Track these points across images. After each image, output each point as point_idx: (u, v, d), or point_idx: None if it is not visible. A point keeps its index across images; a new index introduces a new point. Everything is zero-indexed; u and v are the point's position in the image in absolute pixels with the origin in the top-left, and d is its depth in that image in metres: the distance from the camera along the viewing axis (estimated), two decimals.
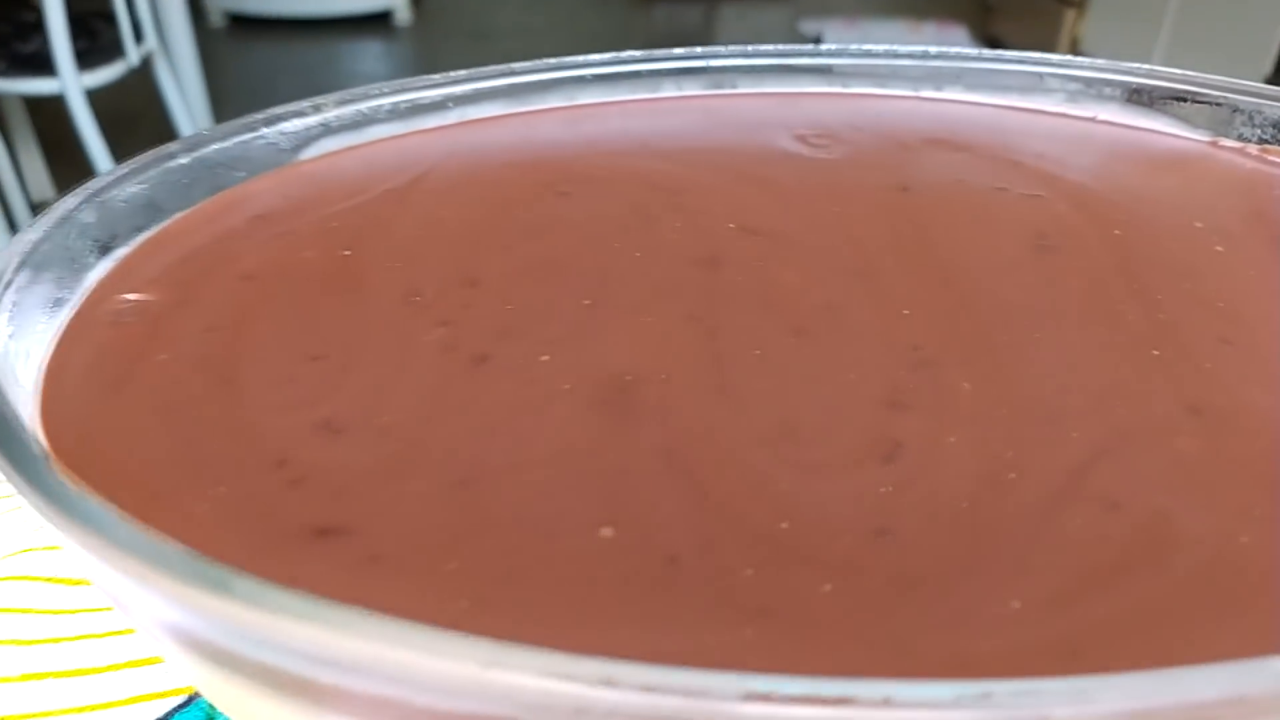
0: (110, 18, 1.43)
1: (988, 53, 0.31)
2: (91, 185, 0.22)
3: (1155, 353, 0.20)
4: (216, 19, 2.33)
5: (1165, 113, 0.30)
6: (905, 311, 0.22)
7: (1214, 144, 0.30)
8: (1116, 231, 0.25)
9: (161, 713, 0.20)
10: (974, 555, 0.16)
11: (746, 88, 0.32)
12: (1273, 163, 0.29)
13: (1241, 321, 0.22)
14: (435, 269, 0.22)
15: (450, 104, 0.28)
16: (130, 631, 0.23)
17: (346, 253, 0.23)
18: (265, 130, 0.26)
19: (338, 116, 0.26)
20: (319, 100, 0.26)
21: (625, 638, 0.14)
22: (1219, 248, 0.25)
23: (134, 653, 0.21)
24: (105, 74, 1.43)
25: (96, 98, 1.41)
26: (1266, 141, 0.29)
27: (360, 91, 0.27)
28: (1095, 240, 0.25)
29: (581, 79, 0.30)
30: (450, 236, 0.24)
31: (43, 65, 1.37)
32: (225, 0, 2.33)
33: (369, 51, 2.32)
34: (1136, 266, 0.24)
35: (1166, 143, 0.30)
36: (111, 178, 0.22)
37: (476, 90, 0.29)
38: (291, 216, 0.24)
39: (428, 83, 0.28)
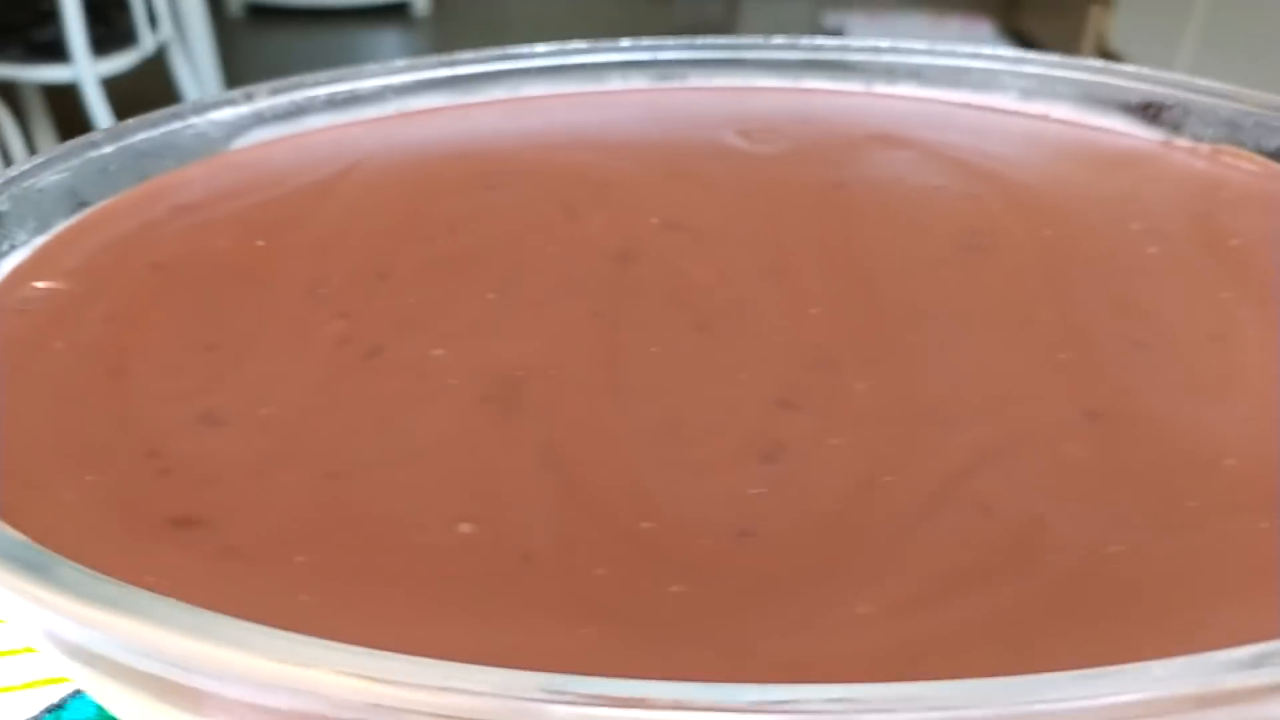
0: (125, 5, 1.44)
1: (941, 48, 0.31)
2: (8, 173, 0.22)
3: (1062, 356, 0.20)
4: (235, 8, 2.35)
5: (1119, 111, 0.30)
6: (813, 310, 0.21)
7: (1167, 144, 0.29)
8: (1048, 232, 0.25)
9: (57, 698, 0.20)
10: (834, 559, 0.15)
11: (697, 81, 0.32)
12: (1225, 164, 0.28)
13: (1160, 325, 0.21)
14: (346, 261, 0.22)
15: (389, 95, 0.28)
16: None
17: (260, 243, 0.23)
18: (195, 119, 0.26)
19: (270, 106, 0.27)
20: (251, 89, 0.26)
21: (461, 634, 0.14)
22: (1153, 249, 0.24)
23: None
24: (119, 61, 1.44)
25: (113, 86, 1.42)
26: (1220, 142, 0.29)
27: (294, 81, 0.27)
28: (1025, 240, 0.24)
29: (525, 71, 0.30)
30: (368, 228, 0.24)
31: (58, 52, 1.38)
32: None
33: (387, 42, 2.33)
34: (1063, 267, 0.23)
35: (1117, 142, 0.29)
36: (29, 165, 0.23)
37: (416, 81, 0.29)
38: (213, 206, 0.24)
39: (365, 73, 0.28)
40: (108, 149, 0.24)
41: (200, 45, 1.68)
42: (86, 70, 1.39)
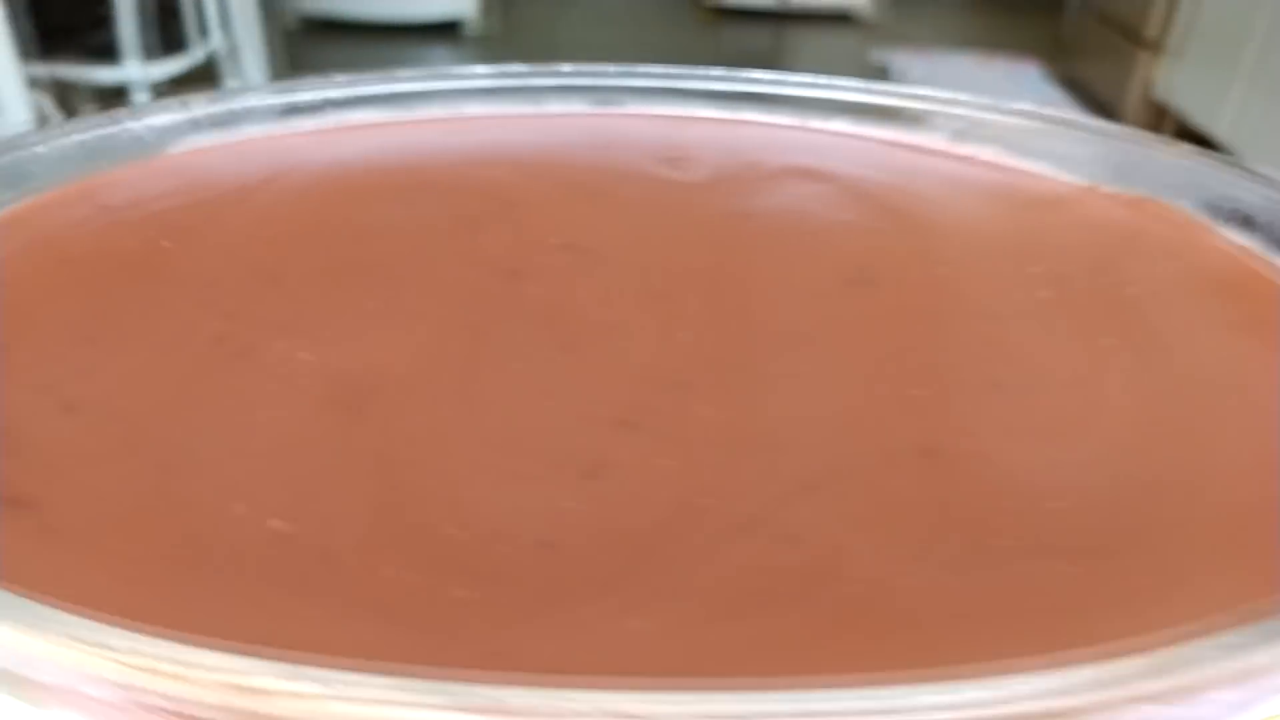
0: (178, 12, 1.49)
1: (875, 86, 0.31)
2: None
3: (913, 392, 0.20)
4: (291, 20, 2.41)
5: (1047, 155, 0.30)
6: (682, 334, 0.22)
7: (1091, 190, 0.29)
8: (942, 270, 0.25)
9: None
10: (625, 575, 0.16)
11: (635, 108, 0.32)
12: (1146, 213, 0.28)
13: (1025, 368, 0.21)
14: (244, 265, 0.23)
15: (328, 108, 0.30)
16: None
17: (167, 244, 0.24)
18: (130, 124, 0.27)
19: (207, 114, 0.28)
20: (187, 97, 0.27)
21: (237, 624, 0.14)
22: (1043, 293, 0.24)
23: None
24: (170, 66, 1.49)
25: (164, 91, 1.47)
26: (1146, 190, 0.29)
27: (234, 90, 0.28)
28: (915, 278, 0.24)
29: (465, 91, 0.31)
30: (272, 235, 0.24)
31: (112, 55, 1.43)
32: (301, 2, 2.40)
33: (438, 59, 2.37)
34: (945, 306, 0.23)
35: (1040, 185, 0.29)
36: None
37: (356, 96, 0.30)
38: (134, 207, 0.25)
39: (305, 85, 0.29)
40: (41, 149, 0.25)
41: (252, 54, 1.73)
42: (136, 72, 1.44)
